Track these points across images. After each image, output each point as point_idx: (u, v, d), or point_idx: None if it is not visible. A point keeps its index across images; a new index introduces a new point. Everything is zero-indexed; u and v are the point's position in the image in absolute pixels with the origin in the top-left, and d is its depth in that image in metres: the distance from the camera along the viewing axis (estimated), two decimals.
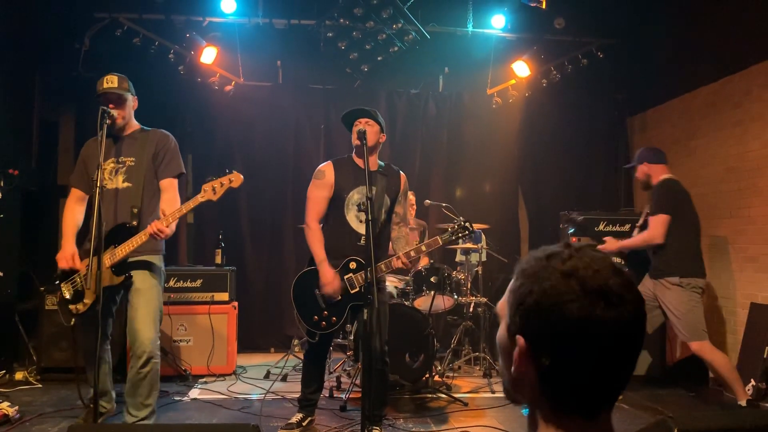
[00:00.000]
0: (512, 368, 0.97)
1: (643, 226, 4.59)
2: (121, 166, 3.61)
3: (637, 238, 4.51)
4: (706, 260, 4.47)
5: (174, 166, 3.68)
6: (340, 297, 3.64)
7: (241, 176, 3.33)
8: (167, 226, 3.36)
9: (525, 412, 1.01)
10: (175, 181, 3.67)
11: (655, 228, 4.35)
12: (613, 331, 0.90)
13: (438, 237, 3.66)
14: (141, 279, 3.53)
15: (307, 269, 3.78)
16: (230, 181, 3.31)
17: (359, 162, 3.71)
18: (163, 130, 3.77)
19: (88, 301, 3.45)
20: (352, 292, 3.66)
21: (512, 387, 1.02)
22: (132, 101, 3.71)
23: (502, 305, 1.02)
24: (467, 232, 3.66)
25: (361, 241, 3.66)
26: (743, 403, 4.20)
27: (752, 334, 4.89)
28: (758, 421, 1.27)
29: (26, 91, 6.09)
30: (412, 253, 3.62)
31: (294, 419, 3.89)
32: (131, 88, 3.69)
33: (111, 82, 3.56)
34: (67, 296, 3.50)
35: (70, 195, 3.75)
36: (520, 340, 0.95)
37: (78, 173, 3.75)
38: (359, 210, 3.65)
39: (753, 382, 4.65)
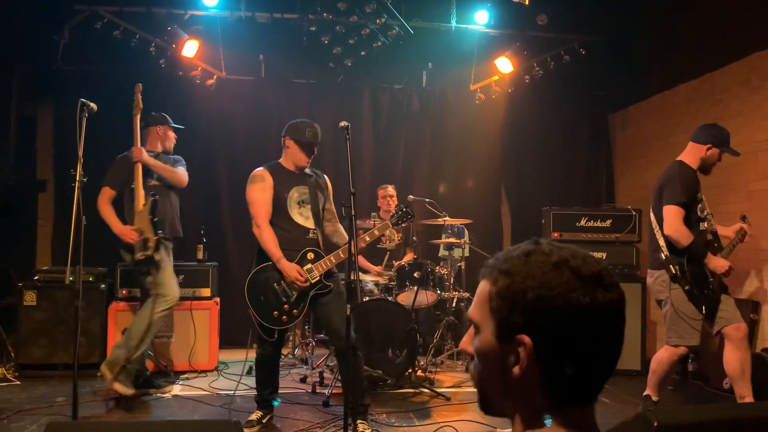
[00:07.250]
0: (515, 370, 0.95)
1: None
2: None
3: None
4: None
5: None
6: (309, 283, 3.80)
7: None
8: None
9: (548, 423, 0.98)
10: None
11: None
12: (613, 313, 0.94)
13: (387, 221, 4.05)
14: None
15: (258, 268, 3.87)
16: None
17: (289, 167, 4.03)
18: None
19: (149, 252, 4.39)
20: (313, 281, 3.83)
21: (505, 393, 0.99)
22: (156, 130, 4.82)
23: (478, 312, 1.01)
24: (407, 215, 4.04)
25: (310, 235, 3.95)
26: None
27: None
28: (737, 414, 1.29)
29: (4, 84, 6.00)
30: (367, 237, 3.98)
31: (254, 417, 3.94)
32: (151, 120, 4.75)
33: None
34: (141, 256, 4.36)
35: (102, 194, 4.57)
36: (525, 338, 0.93)
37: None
38: (301, 206, 3.95)
39: None
